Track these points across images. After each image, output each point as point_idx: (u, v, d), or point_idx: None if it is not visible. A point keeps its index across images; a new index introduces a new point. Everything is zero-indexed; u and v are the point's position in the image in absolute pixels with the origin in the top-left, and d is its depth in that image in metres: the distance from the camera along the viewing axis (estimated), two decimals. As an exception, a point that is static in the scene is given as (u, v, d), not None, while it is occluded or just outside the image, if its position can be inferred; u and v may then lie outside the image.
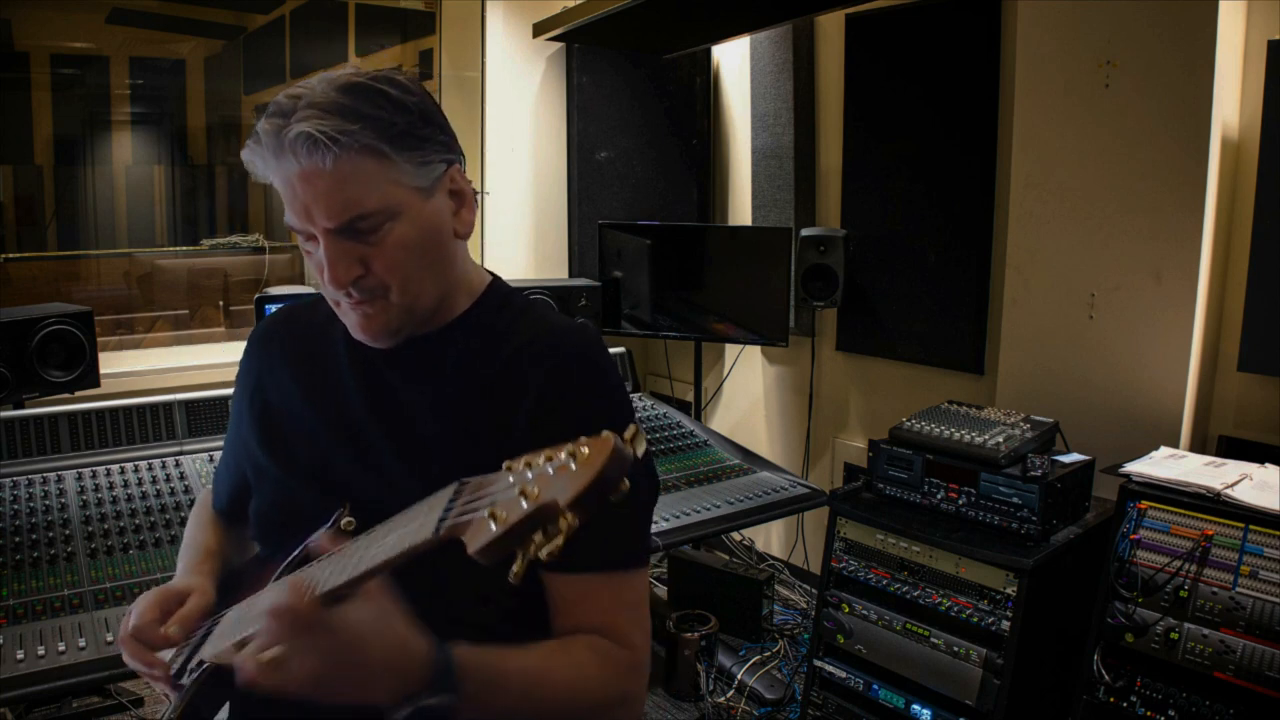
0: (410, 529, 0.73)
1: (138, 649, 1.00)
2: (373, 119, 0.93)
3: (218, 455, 2.15)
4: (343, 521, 0.90)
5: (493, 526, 0.63)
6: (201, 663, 0.96)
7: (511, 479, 0.66)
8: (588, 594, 0.99)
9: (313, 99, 0.92)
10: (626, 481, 0.63)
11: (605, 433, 0.64)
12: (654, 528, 2.06)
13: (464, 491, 0.71)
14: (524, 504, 0.62)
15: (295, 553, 0.92)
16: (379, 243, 0.96)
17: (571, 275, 3.58)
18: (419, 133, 0.97)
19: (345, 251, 0.95)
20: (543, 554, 0.62)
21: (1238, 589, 1.62)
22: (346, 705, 0.80)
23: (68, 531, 1.80)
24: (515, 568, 0.64)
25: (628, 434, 0.65)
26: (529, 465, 0.66)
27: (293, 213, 0.96)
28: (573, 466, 0.62)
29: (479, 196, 1.09)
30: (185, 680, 0.98)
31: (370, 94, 0.94)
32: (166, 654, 1.02)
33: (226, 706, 1.06)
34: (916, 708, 2.00)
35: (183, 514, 1.91)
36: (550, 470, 0.64)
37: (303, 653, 0.77)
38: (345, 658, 0.78)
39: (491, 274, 1.16)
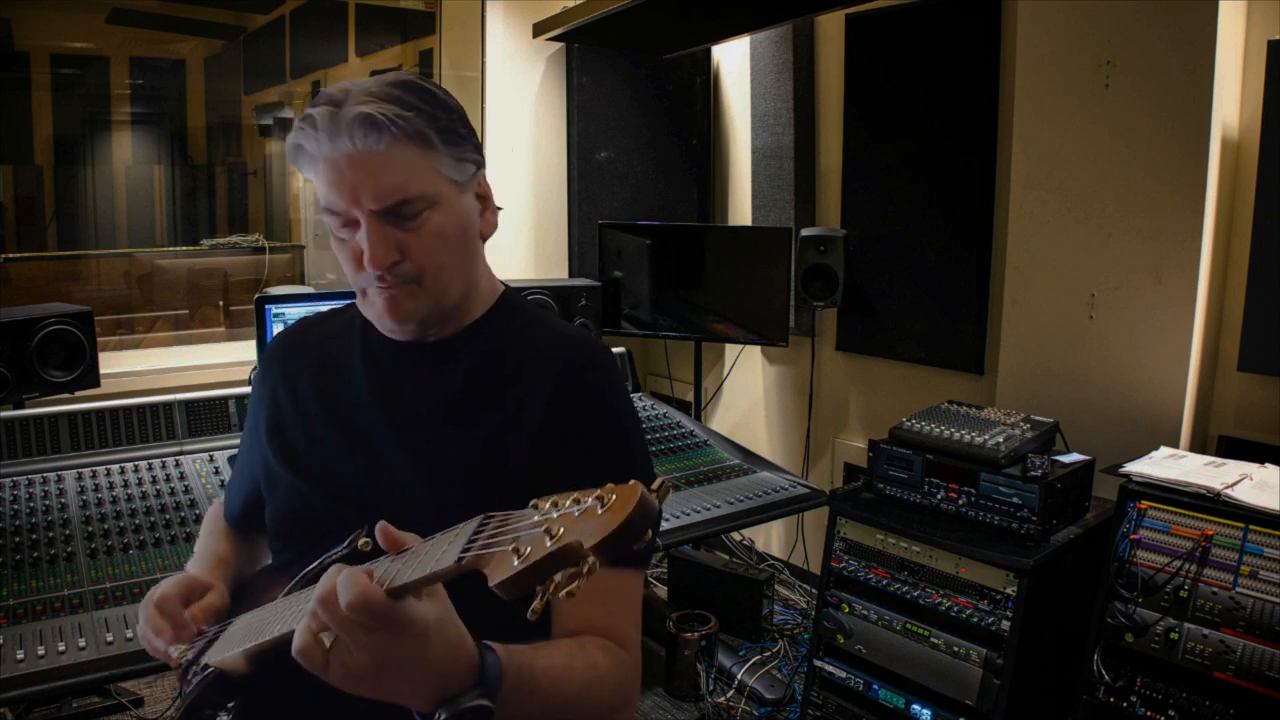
0: (433, 556, 0.73)
1: (155, 616, 1.02)
2: (423, 110, 0.99)
3: (218, 455, 2.17)
4: (360, 543, 0.90)
5: (515, 561, 0.63)
6: (206, 666, 0.97)
7: (537, 517, 0.66)
8: (589, 595, 0.98)
9: (366, 88, 0.98)
10: (650, 533, 0.63)
11: (633, 482, 0.64)
12: (654, 528, 2.07)
13: (489, 525, 0.71)
14: (548, 542, 0.62)
15: (310, 568, 0.92)
16: (418, 229, 1.00)
17: (571, 275, 3.58)
18: (459, 130, 1.04)
19: (385, 235, 0.99)
20: (562, 594, 0.62)
21: (1238, 589, 1.62)
22: (378, 705, 0.77)
23: (68, 531, 1.80)
24: (535, 604, 0.64)
25: (654, 485, 0.66)
26: (555, 505, 0.66)
27: (337, 196, 0.99)
28: (599, 511, 0.63)
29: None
30: (189, 681, 0.98)
31: (419, 90, 1.01)
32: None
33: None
34: (916, 708, 2.00)
35: (182, 514, 1.91)
36: (576, 512, 0.64)
37: (362, 642, 0.73)
38: (403, 653, 0.74)
39: (504, 284, 1.19)
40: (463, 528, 0.74)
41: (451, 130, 1.02)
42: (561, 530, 0.62)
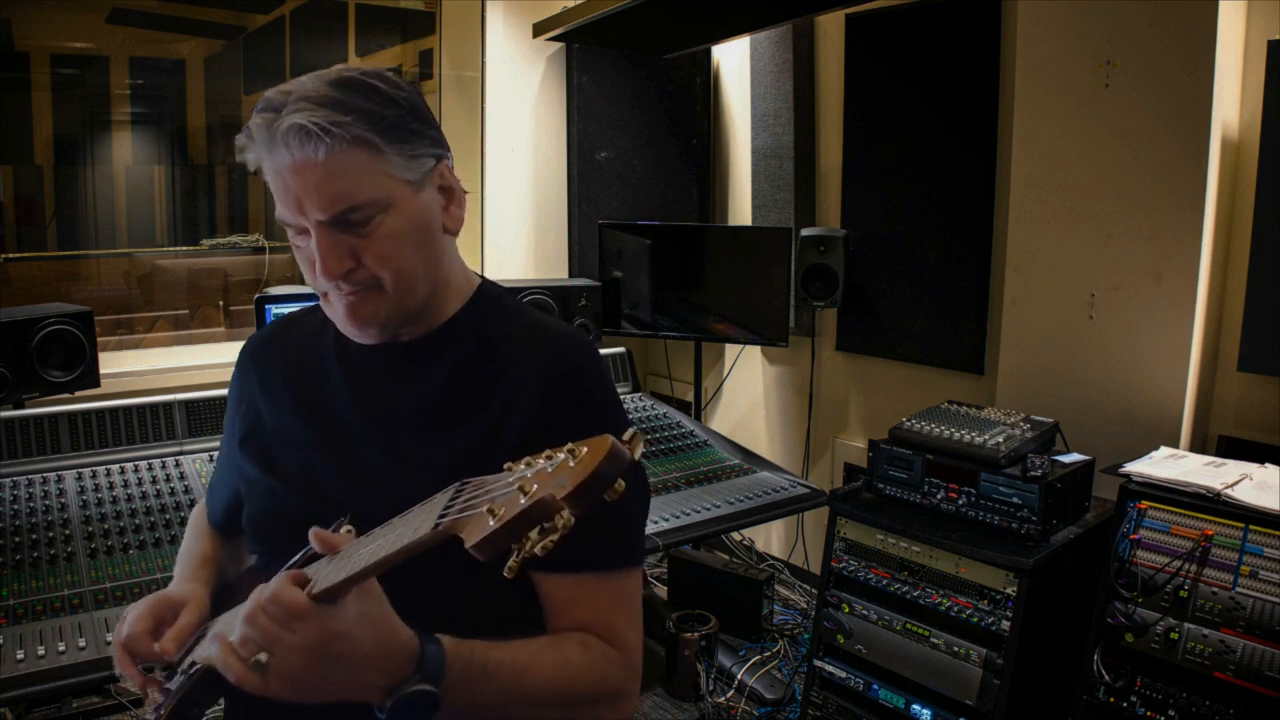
0: (410, 527, 0.73)
1: (125, 660, 1.01)
2: (364, 111, 0.94)
3: (217, 455, 2.17)
4: (342, 530, 0.90)
5: (490, 522, 0.64)
6: (193, 664, 0.96)
7: (511, 478, 0.67)
8: (581, 594, 1.00)
9: (304, 93, 0.93)
10: (622, 482, 0.64)
11: (605, 434, 0.65)
12: (654, 528, 2.07)
13: (465, 490, 0.72)
14: (522, 500, 0.63)
15: (292, 561, 0.92)
16: (370, 235, 0.96)
17: (571, 275, 3.58)
18: (409, 126, 0.98)
19: (337, 244, 0.96)
20: (538, 550, 0.63)
21: (1238, 589, 1.62)
22: (334, 706, 0.80)
23: (68, 531, 1.80)
24: (511, 562, 0.64)
25: (626, 436, 0.66)
26: (528, 464, 0.67)
27: (284, 206, 0.96)
28: (570, 464, 0.64)
29: (480, 195, 1.10)
30: (176, 681, 0.98)
31: (361, 88, 0.95)
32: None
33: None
34: (916, 708, 2.00)
35: (183, 514, 1.91)
36: (549, 468, 0.65)
37: (288, 649, 0.77)
38: (330, 652, 0.77)
39: (481, 276, 1.16)
40: (440, 495, 0.75)
41: (400, 127, 0.96)
42: (535, 487, 0.63)
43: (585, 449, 0.64)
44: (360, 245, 0.96)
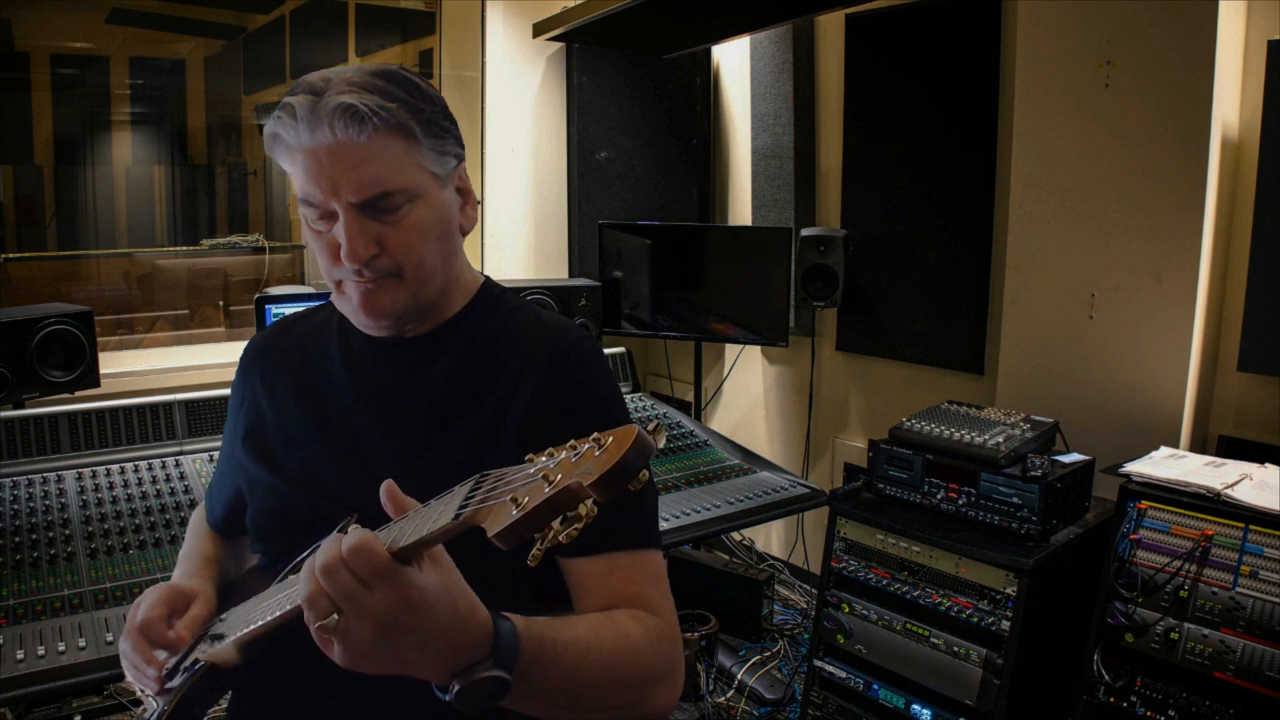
0: (429, 518, 0.73)
1: (143, 645, 0.99)
2: (405, 101, 0.97)
3: (218, 455, 2.17)
4: (349, 529, 0.90)
5: (514, 510, 0.63)
6: (197, 661, 0.96)
7: (533, 468, 0.66)
8: (611, 571, 0.99)
9: (348, 78, 0.96)
10: (646, 471, 0.64)
11: (630, 425, 0.65)
12: (654, 528, 2.07)
13: (485, 481, 0.72)
14: (546, 489, 0.62)
15: (302, 556, 0.92)
16: (397, 223, 0.98)
17: (571, 275, 3.58)
18: (440, 123, 1.02)
19: (364, 228, 0.97)
20: (561, 538, 0.63)
21: (1238, 589, 1.62)
22: (372, 691, 0.76)
23: (68, 531, 1.80)
24: (534, 551, 0.64)
25: (650, 426, 0.66)
26: (550, 455, 0.67)
27: (315, 187, 0.97)
28: (596, 452, 0.64)
29: (481, 195, 1.11)
30: (178, 679, 0.97)
31: (401, 80, 0.99)
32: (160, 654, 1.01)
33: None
34: (916, 708, 2.00)
35: (183, 514, 1.91)
36: (573, 458, 0.65)
37: (363, 610, 0.71)
38: (404, 623, 0.72)
39: (484, 276, 1.18)
40: (459, 488, 0.74)
41: (434, 122, 1.00)
42: (560, 476, 0.63)
43: (611, 438, 0.64)
44: (386, 233, 0.98)
